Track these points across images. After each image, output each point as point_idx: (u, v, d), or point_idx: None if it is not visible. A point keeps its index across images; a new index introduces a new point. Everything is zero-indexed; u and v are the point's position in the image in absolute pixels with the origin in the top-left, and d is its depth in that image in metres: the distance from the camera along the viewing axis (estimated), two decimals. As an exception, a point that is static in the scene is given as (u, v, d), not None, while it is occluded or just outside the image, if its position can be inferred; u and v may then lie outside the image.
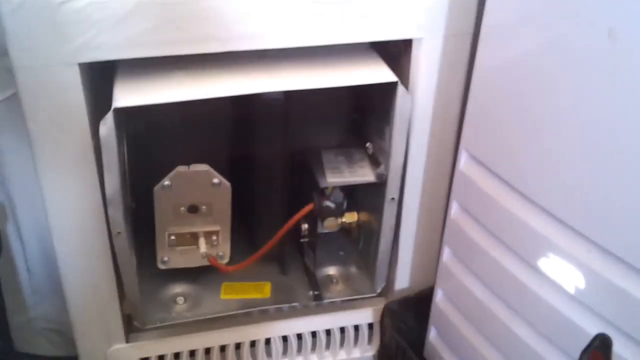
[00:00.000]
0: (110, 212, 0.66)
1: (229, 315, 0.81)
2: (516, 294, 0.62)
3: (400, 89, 0.66)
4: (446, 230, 0.72)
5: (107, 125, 0.60)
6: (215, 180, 0.74)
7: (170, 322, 0.78)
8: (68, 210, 0.67)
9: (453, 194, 0.70)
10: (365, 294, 0.84)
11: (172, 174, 0.73)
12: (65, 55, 0.58)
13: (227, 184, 0.75)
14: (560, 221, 0.55)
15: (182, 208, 0.76)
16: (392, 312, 0.84)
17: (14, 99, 0.70)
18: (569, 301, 0.56)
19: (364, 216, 0.83)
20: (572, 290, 0.55)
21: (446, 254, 0.73)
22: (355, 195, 0.83)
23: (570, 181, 0.53)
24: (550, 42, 0.53)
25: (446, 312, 0.76)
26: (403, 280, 0.85)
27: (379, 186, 0.75)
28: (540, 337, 0.60)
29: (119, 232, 0.67)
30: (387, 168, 0.72)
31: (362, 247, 0.86)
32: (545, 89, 0.54)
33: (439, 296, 0.77)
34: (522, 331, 0.62)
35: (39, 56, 0.58)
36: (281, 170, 0.80)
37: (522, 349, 0.62)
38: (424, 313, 0.82)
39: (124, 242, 0.68)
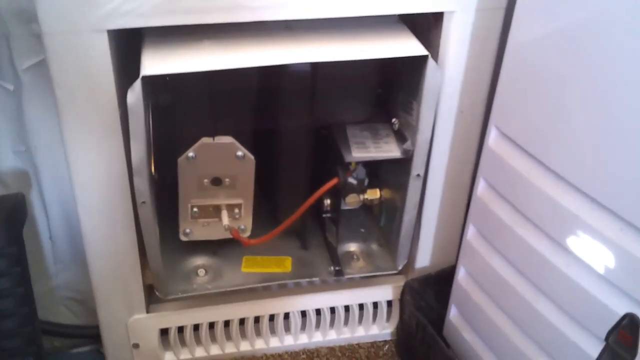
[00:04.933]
0: (135, 181, 0.65)
1: (249, 288, 0.82)
2: (542, 272, 0.61)
3: (431, 62, 0.65)
4: (472, 207, 0.71)
5: (135, 93, 0.60)
6: (240, 153, 0.74)
7: (192, 293, 0.78)
8: (93, 179, 0.67)
9: (480, 171, 0.69)
10: (386, 271, 0.83)
11: (196, 145, 0.72)
12: (94, 21, 0.58)
13: (251, 157, 0.74)
14: (592, 199, 0.54)
15: (206, 180, 0.75)
16: (413, 290, 0.84)
17: (40, 66, 0.70)
18: (598, 280, 0.55)
19: (387, 193, 0.82)
20: (601, 270, 0.54)
21: (471, 232, 0.72)
22: (377, 172, 0.82)
23: (603, 158, 0.52)
24: (588, 18, 0.52)
25: (468, 290, 0.75)
26: (424, 259, 0.85)
27: (404, 162, 0.75)
28: (565, 315, 0.60)
29: (143, 202, 0.67)
30: (413, 144, 0.71)
31: (384, 224, 0.86)
32: (581, 65, 0.53)
33: (461, 274, 0.77)
34: (547, 310, 0.62)
35: (68, 22, 0.58)
36: (305, 144, 0.79)
37: (546, 328, 0.62)
38: (444, 291, 0.82)
39: (148, 212, 0.68)
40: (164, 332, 0.83)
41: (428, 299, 0.85)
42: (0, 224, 0.66)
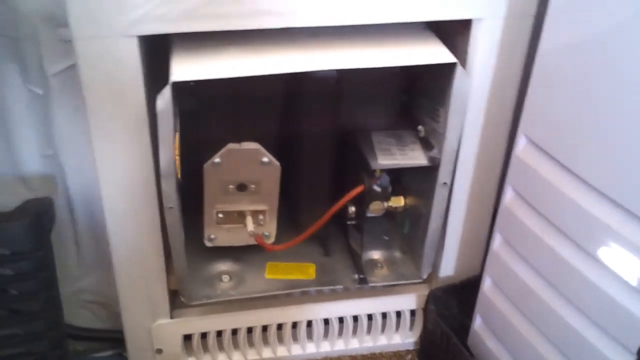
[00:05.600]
0: (163, 186, 0.66)
1: (272, 295, 0.81)
2: (572, 282, 0.60)
3: (459, 70, 0.65)
4: (499, 216, 0.71)
5: (165, 99, 0.60)
6: (265, 159, 0.74)
7: (216, 299, 0.78)
8: (120, 184, 0.68)
9: (508, 180, 0.68)
10: (410, 280, 0.83)
11: (222, 151, 0.72)
12: (125, 26, 0.58)
13: (277, 163, 0.74)
14: (623, 208, 0.53)
15: (231, 186, 0.75)
16: (437, 299, 0.83)
17: (69, 72, 0.71)
18: (629, 291, 0.54)
19: (411, 200, 0.82)
20: (632, 281, 0.54)
21: (497, 241, 0.72)
22: (400, 179, 0.82)
23: (635, 167, 0.51)
24: (620, 24, 0.51)
25: (494, 300, 0.74)
26: (448, 267, 0.84)
27: (430, 170, 0.74)
28: (595, 327, 0.59)
29: (171, 207, 0.67)
30: (440, 151, 0.71)
31: (407, 231, 0.85)
32: (612, 73, 0.53)
33: (487, 284, 0.76)
34: (575, 321, 0.61)
35: (99, 27, 0.58)
36: (329, 151, 0.79)
37: (576, 340, 0.61)
38: (469, 301, 0.81)
39: (175, 217, 0.68)
40: (187, 338, 0.83)
41: (452, 308, 0.84)
42: (29, 227, 0.66)
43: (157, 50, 0.66)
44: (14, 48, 0.69)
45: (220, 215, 0.78)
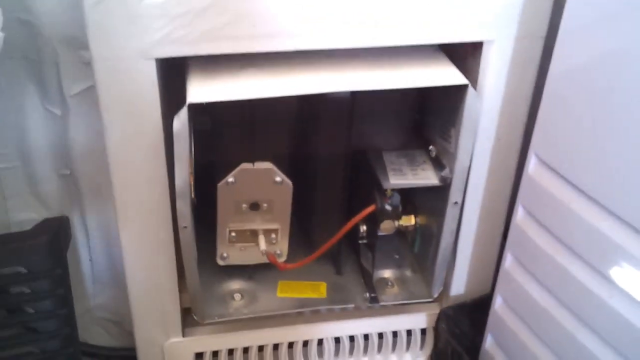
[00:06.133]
0: (178, 205, 0.67)
1: (282, 313, 0.82)
2: (584, 303, 0.61)
3: (471, 91, 0.65)
4: (510, 235, 0.71)
5: (181, 120, 0.61)
6: (278, 179, 0.75)
7: (229, 318, 0.79)
8: (136, 202, 0.69)
9: (519, 199, 0.69)
10: (421, 299, 0.83)
11: (236, 170, 0.73)
12: (143, 48, 0.60)
13: (289, 182, 0.75)
14: (635, 229, 0.54)
15: (244, 205, 0.76)
16: (448, 317, 0.83)
17: (88, 93, 0.72)
18: (643, 312, 0.55)
19: (421, 219, 0.82)
20: (646, 301, 0.54)
21: (509, 260, 0.72)
22: (412, 198, 0.82)
23: (648, 188, 0.52)
24: (631, 46, 0.52)
25: (505, 319, 0.74)
26: (459, 286, 0.84)
27: (440, 189, 0.75)
28: (608, 348, 0.59)
29: (185, 226, 0.68)
30: (451, 171, 0.72)
31: (418, 250, 0.86)
32: (623, 94, 0.53)
33: (498, 303, 0.76)
34: (588, 341, 0.61)
35: (118, 49, 0.59)
36: (341, 170, 0.80)
37: (588, 360, 0.61)
38: (480, 320, 0.81)
39: (189, 236, 0.69)
40: (199, 356, 0.83)
41: (463, 327, 0.84)
42: (46, 246, 0.67)
43: (169, 70, 0.67)
44: (34, 70, 0.70)
45: (233, 234, 0.78)
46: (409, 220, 0.82)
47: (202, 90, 0.62)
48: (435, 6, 0.64)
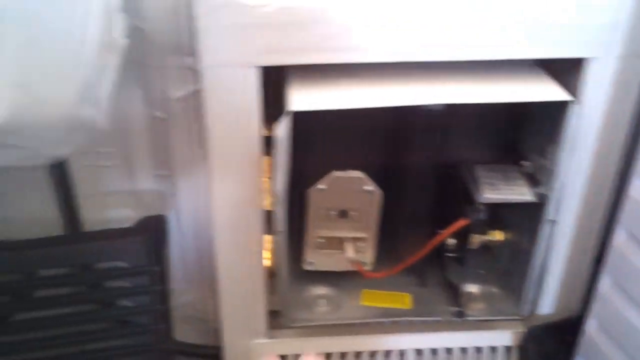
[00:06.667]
0: (275, 210, 0.68)
1: (363, 322, 0.82)
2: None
3: (574, 108, 0.64)
4: (609, 258, 0.69)
5: (283, 127, 0.62)
6: (368, 187, 0.75)
7: (315, 323, 0.79)
8: (231, 205, 0.70)
9: (620, 221, 0.66)
10: (509, 316, 0.81)
11: (327, 177, 0.74)
12: (249, 57, 0.61)
13: (379, 191, 0.75)
14: None
15: (333, 212, 0.77)
16: (536, 337, 0.81)
17: (190, 97, 0.75)
18: None
19: (509, 234, 0.81)
20: None
21: (605, 283, 0.70)
22: (498, 212, 0.81)
23: None
24: None
25: (598, 342, 0.72)
26: (547, 305, 0.82)
27: (532, 206, 0.73)
28: None
29: (280, 231, 0.69)
30: (548, 188, 0.70)
31: (504, 266, 0.84)
32: None
33: (591, 326, 0.74)
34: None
35: (225, 56, 0.61)
36: (431, 182, 0.80)
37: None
38: (568, 341, 0.79)
39: (282, 241, 0.70)
40: (282, 359, 0.84)
41: (550, 348, 0.82)
42: (147, 243, 0.70)
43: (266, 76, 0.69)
44: (140, 74, 0.73)
45: (321, 241, 0.79)
46: (497, 235, 0.81)
47: (303, 98, 0.63)
48: (538, 22, 0.63)
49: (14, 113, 0.40)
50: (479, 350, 0.86)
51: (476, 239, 0.79)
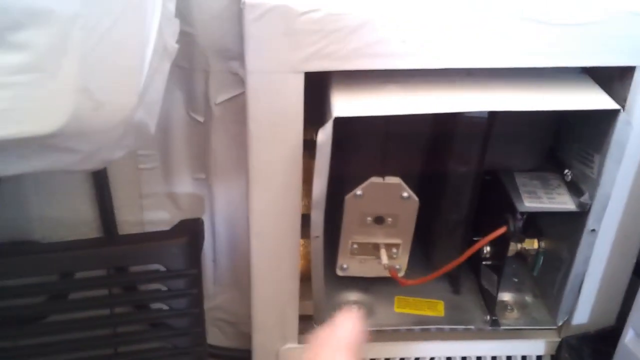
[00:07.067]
0: (313, 215, 0.68)
1: (397, 329, 0.81)
2: None
3: (623, 117, 0.63)
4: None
5: (326, 133, 0.62)
6: (405, 194, 0.74)
7: (349, 329, 0.79)
8: (270, 209, 0.70)
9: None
10: (544, 326, 0.81)
11: (365, 184, 0.74)
12: (295, 63, 0.61)
13: (416, 198, 0.75)
14: None
15: (369, 218, 0.76)
16: (571, 347, 0.81)
17: (232, 102, 0.74)
18: None
19: (546, 243, 0.80)
20: None
21: (647, 293, 0.69)
22: (535, 221, 0.80)
23: None
24: None
25: (636, 352, 0.71)
26: (582, 315, 0.81)
27: (573, 215, 0.72)
28: None
29: (317, 236, 0.69)
30: (591, 197, 0.69)
31: (539, 274, 0.83)
32: None
33: (629, 336, 0.73)
34: None
35: (272, 62, 0.61)
36: (469, 190, 0.79)
37: None
38: (603, 352, 0.78)
39: (319, 246, 0.70)
40: (312, 364, 0.84)
41: (584, 358, 0.81)
42: (184, 246, 0.70)
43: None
44: (183, 77, 0.73)
45: (355, 246, 0.79)
46: (533, 244, 0.80)
47: (347, 104, 0.63)
48: (588, 30, 0.62)
49: (75, 117, 0.40)
50: (510, 359, 0.85)
51: (513, 247, 0.78)
